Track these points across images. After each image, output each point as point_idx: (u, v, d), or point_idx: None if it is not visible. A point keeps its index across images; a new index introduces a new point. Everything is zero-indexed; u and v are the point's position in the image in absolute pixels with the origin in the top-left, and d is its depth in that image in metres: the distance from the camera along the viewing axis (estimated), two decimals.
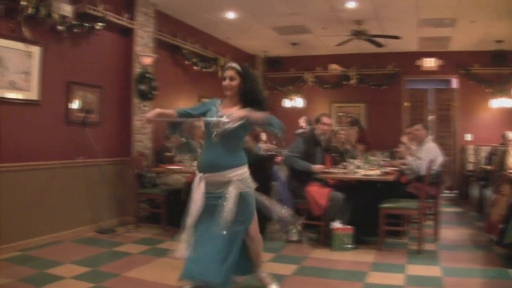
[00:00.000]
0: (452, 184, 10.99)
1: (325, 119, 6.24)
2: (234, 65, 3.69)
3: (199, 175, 3.68)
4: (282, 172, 6.32)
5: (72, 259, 5.10)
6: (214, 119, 3.58)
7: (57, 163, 6.09)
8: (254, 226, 3.82)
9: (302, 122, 10.63)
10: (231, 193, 3.54)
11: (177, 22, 8.80)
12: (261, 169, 6.35)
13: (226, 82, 3.66)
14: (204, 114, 3.75)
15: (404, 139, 6.91)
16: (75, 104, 6.37)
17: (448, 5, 7.67)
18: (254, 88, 3.68)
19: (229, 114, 3.49)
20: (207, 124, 3.64)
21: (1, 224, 5.26)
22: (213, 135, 3.59)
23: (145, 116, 3.66)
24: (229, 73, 3.66)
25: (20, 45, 5.48)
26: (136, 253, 5.51)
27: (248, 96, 3.65)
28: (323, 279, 4.61)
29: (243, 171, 3.68)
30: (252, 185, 3.74)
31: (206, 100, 3.83)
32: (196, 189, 3.65)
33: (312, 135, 6.26)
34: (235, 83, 3.64)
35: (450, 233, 6.66)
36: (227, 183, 3.58)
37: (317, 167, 5.99)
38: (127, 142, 7.34)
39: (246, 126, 3.60)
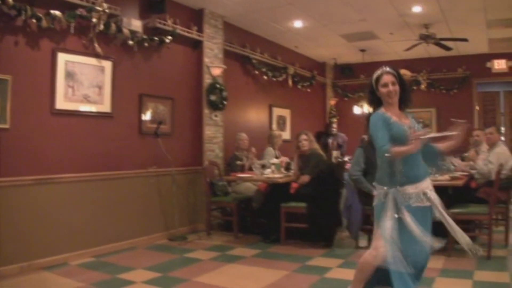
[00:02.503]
0: None
1: None
2: (390, 69, 3.40)
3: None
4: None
5: (144, 265, 5.24)
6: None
7: (131, 172, 6.31)
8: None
9: None
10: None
11: (246, 32, 8.92)
12: (331, 176, 6.30)
13: (390, 88, 3.34)
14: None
15: (456, 161, 6.69)
16: (147, 116, 6.59)
17: None
18: (407, 91, 3.46)
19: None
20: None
21: (76, 230, 5.51)
22: None
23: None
24: (389, 78, 3.36)
25: (92, 61, 5.75)
26: (206, 260, 5.58)
27: (405, 101, 3.44)
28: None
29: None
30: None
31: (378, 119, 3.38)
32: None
33: (370, 143, 6.11)
34: (397, 88, 3.37)
35: None
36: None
37: None
38: (199, 152, 7.49)
39: None
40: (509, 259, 5.38)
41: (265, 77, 9.40)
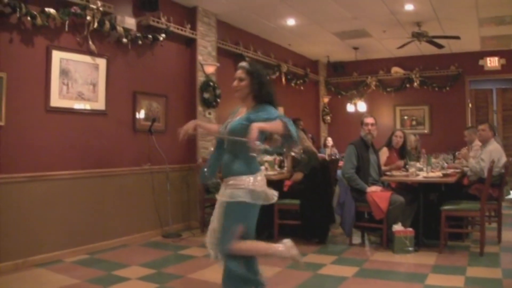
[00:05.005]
0: None
1: (367, 119, 6.23)
2: (244, 64, 3.39)
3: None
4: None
5: (138, 262, 5.28)
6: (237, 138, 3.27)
7: (126, 170, 6.33)
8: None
9: None
10: (219, 201, 3.36)
11: (239, 30, 8.96)
12: (323, 173, 6.34)
13: (235, 83, 3.36)
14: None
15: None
16: (141, 113, 6.61)
17: (508, 2, 7.39)
18: (262, 87, 3.33)
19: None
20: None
21: (71, 228, 5.53)
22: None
23: (181, 129, 3.50)
24: (238, 73, 3.36)
25: (87, 58, 5.76)
26: (200, 256, 5.62)
27: (259, 96, 3.34)
28: (382, 281, 4.55)
29: (239, 182, 3.26)
30: (241, 197, 3.21)
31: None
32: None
33: (361, 140, 6.21)
34: (244, 83, 3.33)
35: None
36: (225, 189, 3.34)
37: (372, 189, 5.87)
38: (193, 149, 7.52)
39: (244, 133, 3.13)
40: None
41: None
